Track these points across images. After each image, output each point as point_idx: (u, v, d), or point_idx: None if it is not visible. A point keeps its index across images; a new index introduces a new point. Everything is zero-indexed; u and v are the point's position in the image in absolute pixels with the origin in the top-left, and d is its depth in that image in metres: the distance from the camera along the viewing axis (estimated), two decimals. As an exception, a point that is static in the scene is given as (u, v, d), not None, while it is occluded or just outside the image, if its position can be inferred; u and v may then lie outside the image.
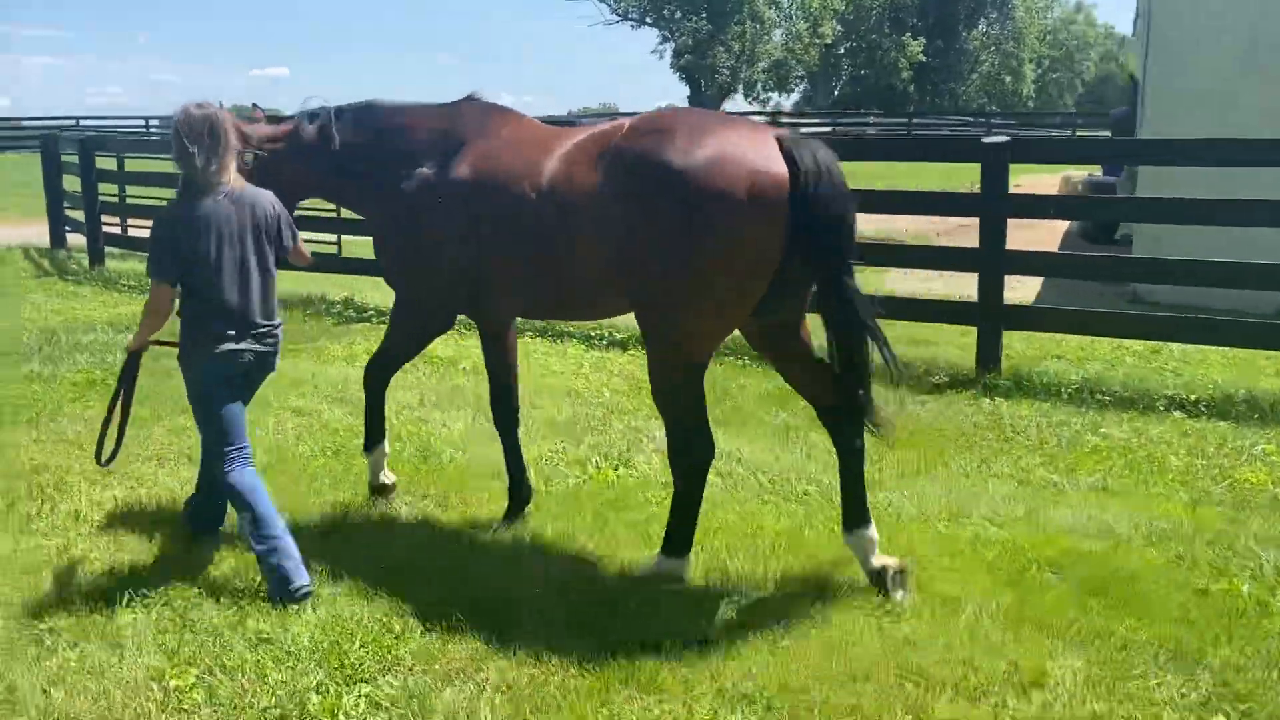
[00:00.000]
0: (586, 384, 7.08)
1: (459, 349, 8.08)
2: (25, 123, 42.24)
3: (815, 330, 3.98)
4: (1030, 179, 23.55)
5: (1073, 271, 7.86)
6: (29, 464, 5.38)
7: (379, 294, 10.31)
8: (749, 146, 3.55)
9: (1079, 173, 20.71)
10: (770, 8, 57.69)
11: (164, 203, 3.99)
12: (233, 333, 3.98)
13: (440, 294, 4.39)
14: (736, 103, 60.34)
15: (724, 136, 3.58)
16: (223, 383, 4.04)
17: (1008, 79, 71.46)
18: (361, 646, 3.54)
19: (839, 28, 58.58)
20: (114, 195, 13.37)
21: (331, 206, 9.47)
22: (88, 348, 8.15)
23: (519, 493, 4.65)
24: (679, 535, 3.92)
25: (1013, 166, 7.25)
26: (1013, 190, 7.37)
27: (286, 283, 10.49)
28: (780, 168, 3.52)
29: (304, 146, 4.63)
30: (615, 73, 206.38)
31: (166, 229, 4.00)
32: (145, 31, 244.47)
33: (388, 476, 4.90)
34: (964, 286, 10.88)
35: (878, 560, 3.87)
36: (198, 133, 3.89)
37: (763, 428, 6.06)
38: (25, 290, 10.98)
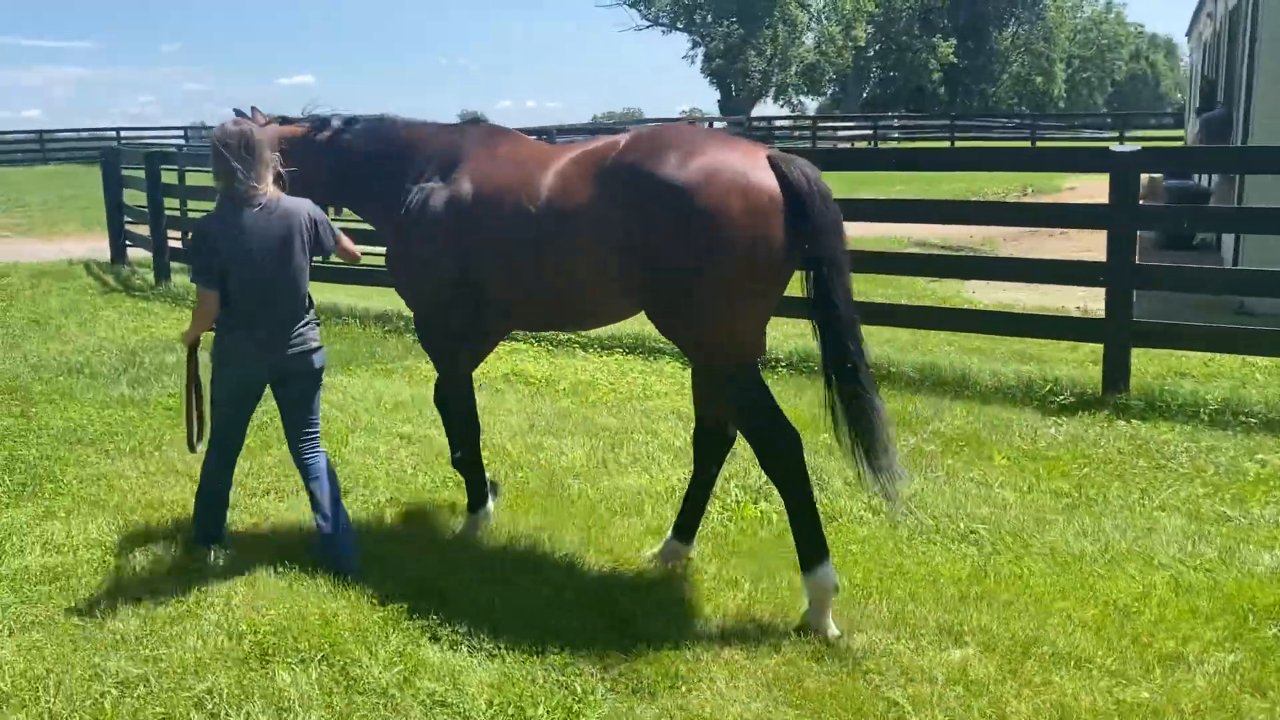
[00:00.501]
0: (695, 406, 6.79)
1: (554, 367, 7.85)
2: (60, 134, 42.51)
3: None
4: (1087, 183, 23.14)
5: (1210, 287, 7.46)
6: (143, 499, 5.17)
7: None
8: (743, 161, 3.64)
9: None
10: (802, 11, 57.33)
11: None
12: (256, 346, 4.22)
13: (448, 307, 4.42)
14: (766, 106, 60.06)
15: (718, 152, 3.67)
16: (237, 388, 4.34)
17: (1038, 79, 70.81)
18: (546, 713, 3.28)
19: (870, 29, 58.11)
20: (175, 209, 13.25)
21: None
22: (174, 369, 7.96)
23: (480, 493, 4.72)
24: (811, 543, 3.74)
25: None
26: (1067, 193, 7.11)
27: (344, 296, 10.22)
28: (774, 182, 3.61)
29: (313, 149, 4.73)
30: (644, 77, 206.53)
31: (203, 238, 4.22)
32: (175, 42, 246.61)
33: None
34: (1057, 299, 10.56)
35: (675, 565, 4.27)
36: (233, 147, 4.08)
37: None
38: (96, 307, 10.84)
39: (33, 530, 4.80)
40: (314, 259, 4.33)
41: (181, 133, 44.61)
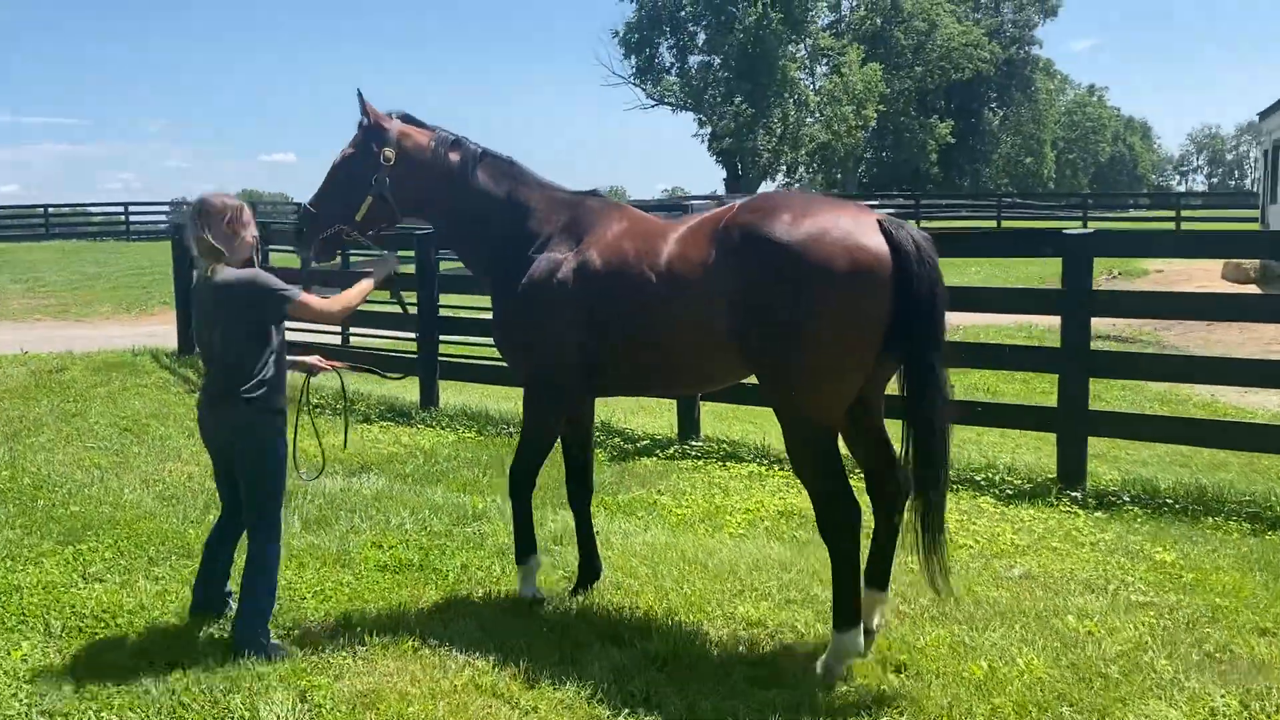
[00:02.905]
0: (1096, 571, 5.19)
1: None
2: (59, 209, 40.74)
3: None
4: (1177, 265, 22.00)
5: None
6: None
7: (641, 414, 8.56)
8: (852, 223, 3.75)
9: (1249, 260, 19.18)
10: (813, 91, 57.22)
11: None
12: (200, 410, 4.35)
13: (568, 372, 4.43)
14: (768, 186, 59.36)
15: (828, 214, 3.79)
16: (207, 448, 4.45)
17: (1028, 160, 71.34)
18: None
19: (882, 107, 58.05)
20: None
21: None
22: (347, 503, 6.32)
23: (590, 567, 4.84)
24: (846, 605, 3.91)
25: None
26: (1156, 276, 6.27)
27: (478, 396, 8.25)
28: (882, 245, 3.72)
29: (439, 168, 4.60)
30: (635, 155, 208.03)
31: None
32: (157, 119, 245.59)
33: (540, 591, 4.75)
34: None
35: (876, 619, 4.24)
36: (191, 218, 4.22)
37: None
38: (192, 412, 9.10)
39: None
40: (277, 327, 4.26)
41: (166, 208, 43.37)
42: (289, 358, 4.81)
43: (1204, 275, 19.90)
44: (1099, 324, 14.32)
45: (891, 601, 4.43)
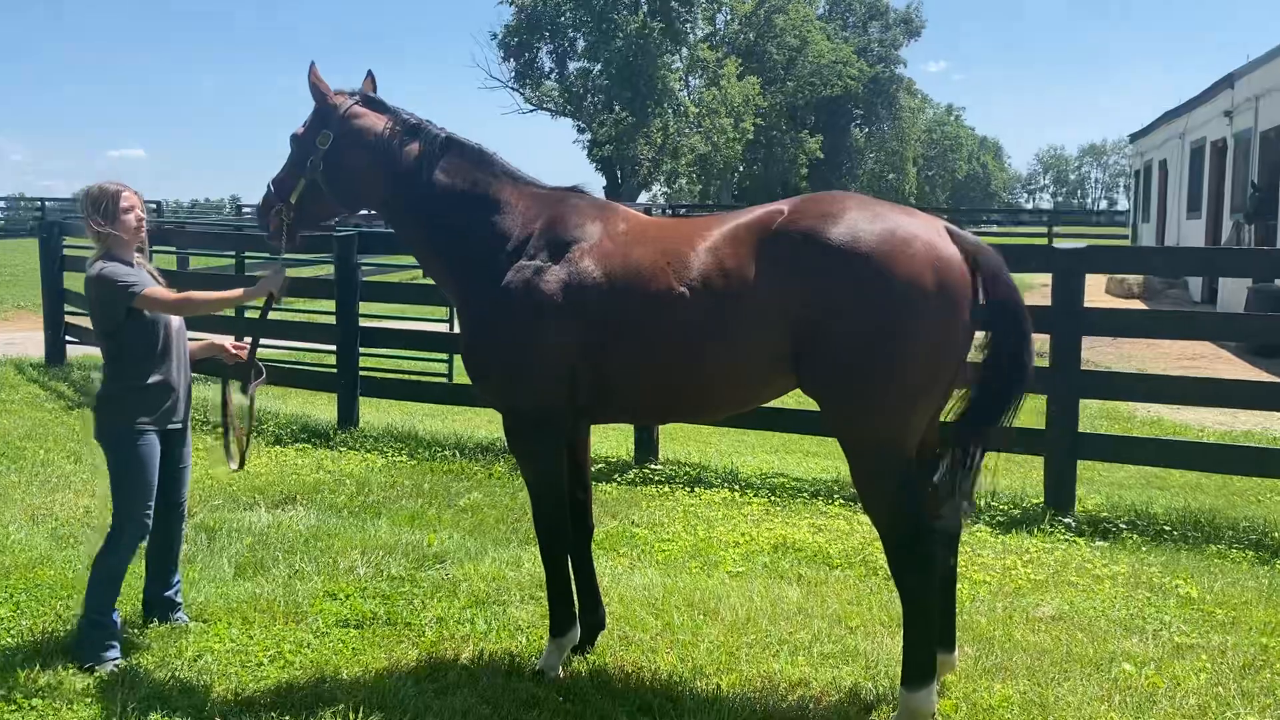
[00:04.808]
0: (1127, 609, 4.88)
1: (820, 530, 5.79)
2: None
3: None
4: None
5: None
6: None
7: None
8: (929, 231, 3.40)
9: (1133, 275, 19.79)
10: (692, 102, 57.53)
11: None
12: None
13: (558, 401, 3.83)
14: (646, 195, 59.42)
15: (900, 219, 3.42)
16: None
17: (891, 176, 73.65)
18: None
19: (760, 121, 58.85)
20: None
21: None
22: (282, 540, 5.52)
23: (593, 618, 4.25)
24: (918, 661, 3.49)
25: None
26: (1043, 292, 6.47)
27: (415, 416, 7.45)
28: (959, 256, 3.40)
29: (379, 153, 4.08)
30: (522, 160, 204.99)
31: None
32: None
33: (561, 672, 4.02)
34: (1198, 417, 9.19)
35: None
36: (79, 209, 4.30)
37: None
38: (72, 430, 8.02)
39: None
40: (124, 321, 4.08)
41: (2, 204, 40.46)
42: (197, 342, 4.55)
43: (1088, 289, 20.44)
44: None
45: (955, 664, 3.97)
